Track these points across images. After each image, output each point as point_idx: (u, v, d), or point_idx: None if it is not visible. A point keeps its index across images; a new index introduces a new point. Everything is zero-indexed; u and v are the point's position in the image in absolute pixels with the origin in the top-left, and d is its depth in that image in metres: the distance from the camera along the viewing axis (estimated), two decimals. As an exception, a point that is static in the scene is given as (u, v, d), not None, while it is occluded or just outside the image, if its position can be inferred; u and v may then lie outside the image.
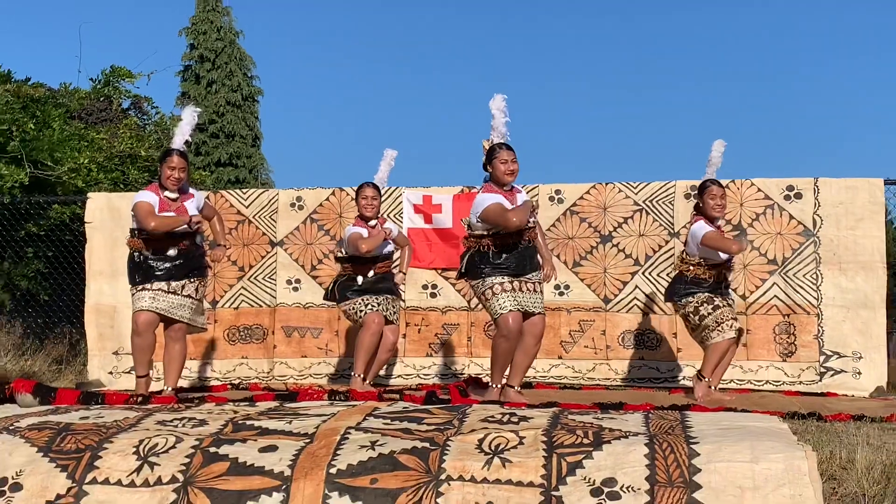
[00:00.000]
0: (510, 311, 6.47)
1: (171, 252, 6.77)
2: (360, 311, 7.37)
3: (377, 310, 7.38)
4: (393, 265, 7.80)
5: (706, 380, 7.11)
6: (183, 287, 6.83)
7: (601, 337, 8.80)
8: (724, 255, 7.21)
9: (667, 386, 8.27)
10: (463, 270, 6.74)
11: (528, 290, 6.60)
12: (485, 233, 6.56)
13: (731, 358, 7.33)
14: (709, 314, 7.08)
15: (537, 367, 8.68)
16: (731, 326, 7.07)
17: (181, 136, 7.22)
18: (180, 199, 6.87)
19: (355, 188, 7.83)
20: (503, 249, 6.60)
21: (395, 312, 7.62)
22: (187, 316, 6.88)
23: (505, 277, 6.57)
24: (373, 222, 7.56)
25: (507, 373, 6.63)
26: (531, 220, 6.64)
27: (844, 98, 61.81)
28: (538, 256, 6.78)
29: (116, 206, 9.08)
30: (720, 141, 7.50)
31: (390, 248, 7.74)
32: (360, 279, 7.45)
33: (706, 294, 7.18)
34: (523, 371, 6.72)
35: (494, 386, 6.60)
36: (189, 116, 7.40)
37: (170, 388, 6.90)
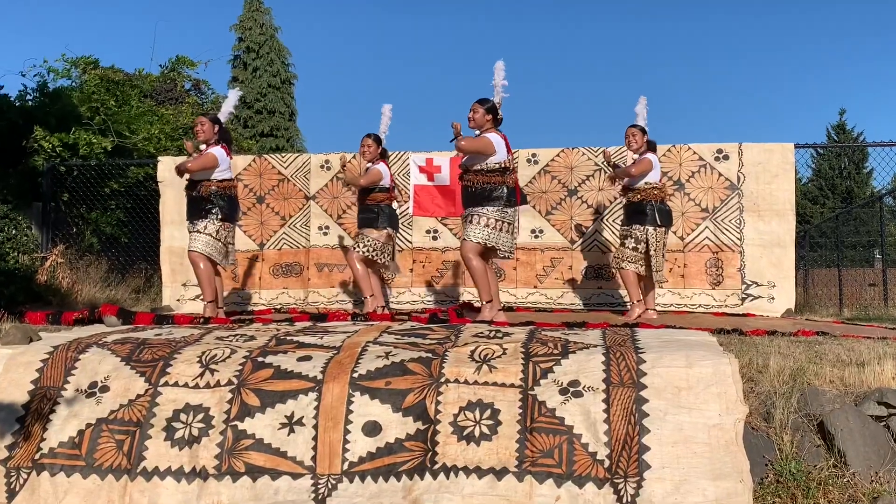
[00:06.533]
0: None
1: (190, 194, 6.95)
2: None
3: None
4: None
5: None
6: (195, 224, 6.88)
7: (568, 271, 8.81)
8: (629, 181, 7.26)
9: (620, 310, 8.28)
10: None
11: (465, 225, 6.30)
12: None
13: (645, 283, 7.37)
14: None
15: (517, 295, 8.69)
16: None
17: (225, 109, 7.23)
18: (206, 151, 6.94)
19: None
20: None
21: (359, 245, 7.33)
22: (198, 247, 6.82)
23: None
24: (368, 165, 7.38)
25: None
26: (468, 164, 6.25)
27: (766, 78, 61.47)
28: (475, 198, 6.19)
29: (181, 167, 9.02)
30: (643, 97, 7.48)
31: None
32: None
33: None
34: (478, 291, 6.37)
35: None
36: (233, 96, 7.40)
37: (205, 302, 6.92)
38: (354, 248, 7.29)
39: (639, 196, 7.10)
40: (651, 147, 7.28)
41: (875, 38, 60.92)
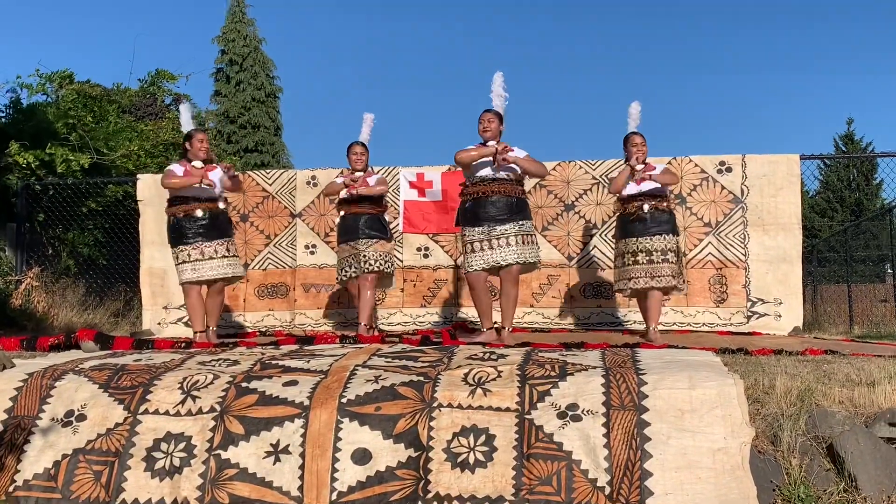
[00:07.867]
0: (475, 270, 6.18)
1: (199, 213, 6.73)
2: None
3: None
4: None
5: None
6: (216, 250, 6.75)
7: (566, 288, 8.82)
8: (630, 189, 6.87)
9: (619, 329, 8.29)
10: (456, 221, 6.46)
11: (499, 245, 6.13)
12: (467, 183, 6.30)
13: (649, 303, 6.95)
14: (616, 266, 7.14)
15: (513, 315, 8.69)
16: (624, 285, 6.99)
17: (185, 123, 7.25)
18: (205, 168, 6.82)
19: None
20: (473, 199, 6.21)
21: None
22: (230, 272, 6.81)
23: (476, 232, 6.15)
24: (358, 174, 7.30)
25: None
26: (499, 171, 6.15)
27: (771, 88, 61.76)
28: (516, 210, 6.17)
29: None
30: (636, 102, 7.27)
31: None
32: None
33: (617, 242, 7.12)
34: (509, 314, 6.28)
35: (483, 329, 6.42)
36: (185, 110, 7.43)
37: (212, 329, 6.88)
38: (369, 267, 7.09)
39: (666, 204, 6.91)
40: None
41: (884, 46, 61.38)
